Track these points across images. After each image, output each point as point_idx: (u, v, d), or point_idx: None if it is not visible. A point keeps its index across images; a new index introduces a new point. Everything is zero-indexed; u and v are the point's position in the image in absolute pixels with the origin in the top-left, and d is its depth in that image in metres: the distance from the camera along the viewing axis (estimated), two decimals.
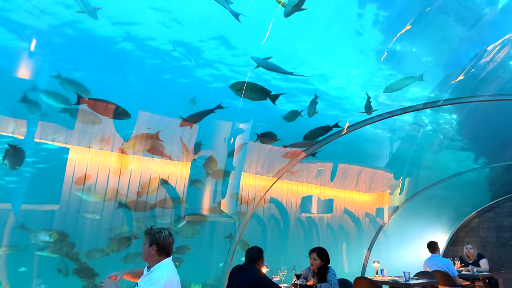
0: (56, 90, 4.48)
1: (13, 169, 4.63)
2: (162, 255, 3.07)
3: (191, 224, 6.23)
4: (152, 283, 2.93)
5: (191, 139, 5.64)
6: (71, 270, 5.06)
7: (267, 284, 4.02)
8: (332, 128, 6.04)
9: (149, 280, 2.97)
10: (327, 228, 8.39)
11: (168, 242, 3.10)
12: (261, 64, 4.45)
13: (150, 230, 3.10)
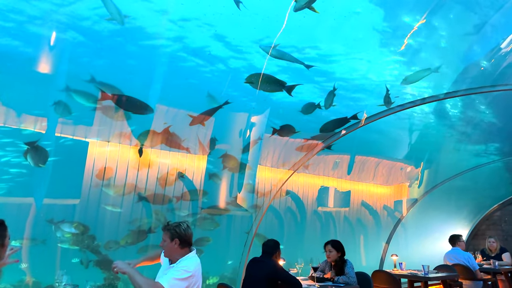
0: (86, 90, 4.59)
1: (37, 167, 4.74)
2: (185, 247, 3.09)
3: (209, 217, 6.28)
4: (178, 269, 2.94)
5: (207, 132, 5.66)
6: (92, 262, 5.19)
7: (284, 276, 4.03)
8: (349, 120, 5.98)
9: (176, 268, 2.97)
10: (344, 221, 8.33)
11: (188, 234, 3.12)
12: (273, 53, 4.41)
13: (168, 226, 3.11)
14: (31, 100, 4.76)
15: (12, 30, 4.02)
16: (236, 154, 6.11)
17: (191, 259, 3.05)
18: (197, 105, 5.28)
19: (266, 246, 4.27)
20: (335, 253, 4.67)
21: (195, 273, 2.95)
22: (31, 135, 4.81)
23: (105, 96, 4.66)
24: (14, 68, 4.40)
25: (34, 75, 4.47)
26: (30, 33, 4.09)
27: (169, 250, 3.07)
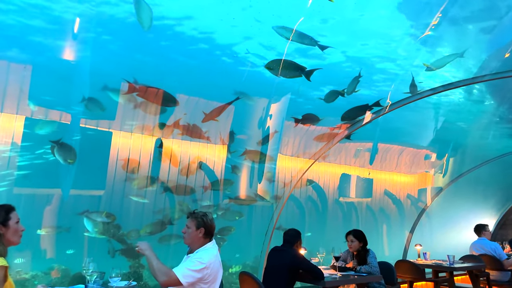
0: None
1: (66, 163, 4.88)
2: (207, 238, 3.12)
3: (232, 208, 6.34)
4: (192, 260, 2.97)
5: (227, 120, 5.67)
6: (118, 251, 5.35)
7: (305, 265, 4.04)
8: (371, 107, 5.87)
9: (191, 258, 3.01)
10: (366, 210, 8.24)
11: (213, 226, 3.16)
12: (287, 35, 4.35)
13: (195, 214, 3.14)
14: (59, 93, 4.88)
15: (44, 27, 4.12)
16: (256, 144, 6.11)
17: (207, 250, 3.06)
18: (218, 93, 5.30)
19: (287, 235, 4.27)
20: (356, 243, 4.64)
21: (209, 265, 2.96)
22: (57, 126, 4.95)
23: (132, 88, 4.73)
24: (46, 63, 4.52)
25: (64, 68, 4.59)
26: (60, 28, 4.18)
27: (191, 238, 3.09)
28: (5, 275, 2.33)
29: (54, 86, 4.74)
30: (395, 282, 4.92)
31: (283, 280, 3.92)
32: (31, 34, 4.18)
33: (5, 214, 2.51)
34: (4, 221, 2.50)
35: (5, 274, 2.34)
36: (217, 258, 3.07)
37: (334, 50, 4.74)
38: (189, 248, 3.21)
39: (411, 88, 5.53)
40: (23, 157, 4.98)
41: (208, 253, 3.04)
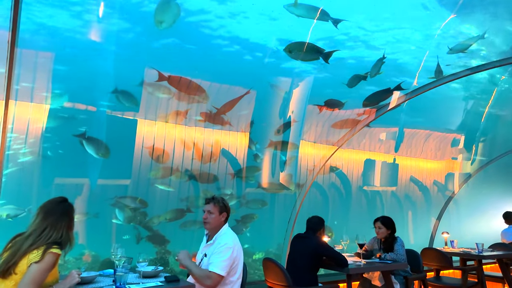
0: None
1: (98, 157, 5.05)
2: (225, 222, 3.24)
3: (255, 197, 6.39)
4: (220, 251, 3.06)
5: (249, 106, 5.66)
6: (145, 237, 5.50)
7: (329, 252, 4.02)
8: (393, 91, 5.72)
9: (217, 248, 3.10)
10: (391, 197, 8.10)
11: (230, 210, 3.27)
12: (298, 12, 4.27)
13: (216, 199, 3.22)
14: (86, 83, 5.00)
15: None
16: (277, 132, 6.08)
17: (228, 233, 3.19)
18: (239, 78, 5.29)
19: (311, 223, 4.26)
20: (384, 230, 4.57)
21: (235, 246, 3.11)
22: (84, 116, 5.08)
23: (162, 77, 4.80)
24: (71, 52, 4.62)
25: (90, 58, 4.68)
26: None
27: (215, 223, 3.19)
28: (55, 263, 2.44)
29: (80, 76, 4.85)
30: (421, 270, 4.84)
31: (306, 266, 3.93)
32: (57, 22, 4.27)
33: (72, 213, 2.67)
34: (72, 220, 2.65)
35: (55, 262, 2.45)
36: (237, 238, 3.22)
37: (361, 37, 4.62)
38: (207, 232, 3.30)
39: (436, 74, 5.38)
40: (52, 147, 5.16)
41: (230, 235, 3.17)
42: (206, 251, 3.23)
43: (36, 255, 2.36)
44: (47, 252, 2.39)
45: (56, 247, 2.45)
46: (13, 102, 3.55)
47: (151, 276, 3.02)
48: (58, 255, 2.45)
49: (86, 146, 4.98)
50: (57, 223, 2.53)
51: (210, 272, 2.99)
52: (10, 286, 2.38)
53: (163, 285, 2.81)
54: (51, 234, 2.48)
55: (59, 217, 2.56)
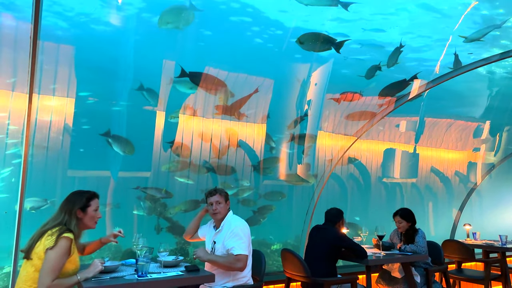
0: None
1: (125, 154, 5.17)
2: (229, 210, 3.47)
3: (273, 189, 6.39)
4: (235, 234, 3.22)
5: (266, 97, 5.64)
6: (165, 228, 5.60)
7: (348, 243, 4.01)
8: (409, 82, 5.61)
9: (228, 233, 3.23)
10: (411, 188, 7.97)
11: None
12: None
13: (219, 190, 3.44)
14: (106, 76, 5.09)
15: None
16: (295, 122, 6.05)
17: (233, 217, 3.41)
18: (257, 67, 5.29)
19: (329, 214, 4.24)
20: (405, 223, 4.51)
21: (245, 226, 3.35)
22: (105, 109, 5.17)
23: (185, 74, 4.87)
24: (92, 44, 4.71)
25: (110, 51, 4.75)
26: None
27: (224, 211, 3.38)
28: (69, 247, 2.53)
29: (101, 67, 4.93)
30: (443, 262, 4.77)
31: (325, 258, 3.92)
32: (78, 13, 4.34)
33: (86, 201, 2.76)
34: (84, 207, 2.74)
35: (70, 247, 2.53)
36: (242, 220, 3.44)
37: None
38: (213, 222, 3.48)
39: (455, 64, 5.27)
40: (74, 140, 5.29)
41: (236, 218, 3.41)
42: (215, 238, 3.36)
43: (51, 241, 2.48)
44: (60, 237, 2.50)
45: (69, 232, 2.56)
46: (36, 95, 3.63)
47: (172, 266, 3.09)
48: (70, 239, 2.55)
49: (112, 144, 5.11)
50: (62, 209, 2.70)
51: (237, 255, 3.13)
52: (31, 271, 2.50)
53: (183, 274, 2.86)
54: (56, 218, 2.66)
55: (66, 203, 2.72)
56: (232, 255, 3.15)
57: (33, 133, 4.54)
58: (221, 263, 3.14)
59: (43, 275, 2.41)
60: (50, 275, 2.41)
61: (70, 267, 2.60)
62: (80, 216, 2.72)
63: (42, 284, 2.39)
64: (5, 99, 4.31)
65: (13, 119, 4.40)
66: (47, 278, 2.40)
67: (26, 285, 2.49)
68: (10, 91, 4.27)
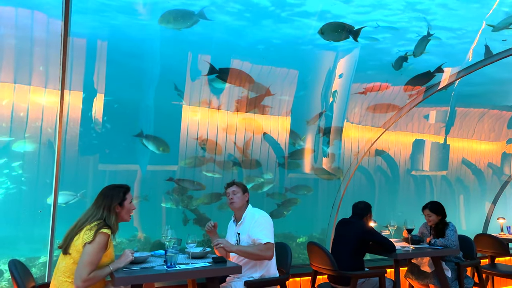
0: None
1: (160, 152, 5.31)
2: (247, 202, 3.46)
3: (298, 182, 6.37)
4: (259, 223, 3.24)
5: (291, 88, 5.59)
6: (192, 220, 5.69)
7: (376, 237, 3.94)
8: (434, 74, 5.42)
9: (252, 223, 3.25)
10: (442, 181, 7.73)
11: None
12: None
13: (236, 182, 3.46)
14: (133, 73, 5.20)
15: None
16: (320, 114, 5.97)
17: (253, 209, 3.41)
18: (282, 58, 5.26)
19: (357, 208, 4.18)
20: (434, 217, 4.39)
21: (266, 215, 3.35)
22: (133, 102, 5.28)
23: (214, 70, 4.93)
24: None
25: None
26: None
27: (241, 202, 3.39)
28: (106, 242, 2.61)
29: (127, 62, 5.03)
30: (475, 257, 4.63)
31: (352, 251, 3.88)
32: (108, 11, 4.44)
33: (123, 195, 2.82)
34: (121, 201, 2.81)
35: (107, 242, 2.62)
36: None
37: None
38: (233, 218, 3.49)
39: (486, 54, 5.05)
40: (103, 135, 5.44)
41: (258, 210, 3.42)
42: (238, 230, 3.39)
43: (89, 235, 2.56)
44: (98, 233, 2.58)
45: (106, 228, 2.63)
46: (67, 92, 3.75)
47: (200, 257, 3.13)
48: (108, 235, 2.63)
49: (147, 143, 5.25)
50: (100, 204, 2.74)
51: (266, 243, 3.14)
52: (69, 263, 2.60)
53: (211, 265, 2.90)
54: (95, 214, 2.70)
55: (103, 199, 2.77)
56: (260, 244, 3.15)
57: (65, 129, 4.69)
58: (251, 252, 3.13)
59: (80, 267, 2.50)
60: (87, 268, 2.50)
61: (106, 260, 2.68)
62: (118, 210, 2.79)
63: (79, 276, 2.49)
64: (38, 96, 4.48)
65: (46, 115, 4.57)
66: (84, 271, 2.49)
67: (64, 276, 2.60)
68: (43, 88, 4.43)
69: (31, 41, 4.26)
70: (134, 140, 5.25)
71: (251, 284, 3.14)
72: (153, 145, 5.25)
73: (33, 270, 5.12)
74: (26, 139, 4.84)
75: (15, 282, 2.62)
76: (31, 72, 4.43)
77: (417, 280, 4.35)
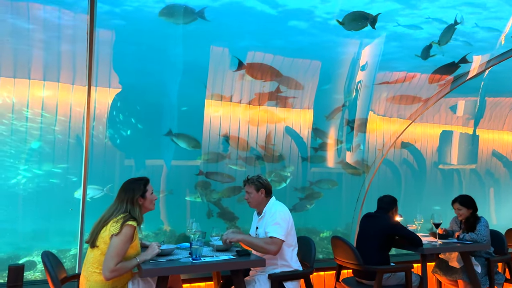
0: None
1: (191, 149, 5.39)
2: (268, 196, 3.39)
3: (322, 176, 6.31)
4: (274, 218, 3.20)
5: (313, 81, 5.53)
6: (215, 214, 5.76)
7: (402, 231, 3.87)
8: (458, 64, 5.22)
9: (269, 218, 3.23)
10: (470, 174, 7.49)
11: (269, 184, 3.43)
12: None
13: (250, 179, 3.38)
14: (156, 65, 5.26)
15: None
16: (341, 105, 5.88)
17: (274, 204, 3.36)
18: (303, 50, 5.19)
19: (382, 202, 4.11)
20: (465, 211, 4.25)
21: (285, 211, 3.29)
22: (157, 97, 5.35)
23: (242, 66, 4.93)
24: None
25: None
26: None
27: (256, 201, 3.35)
28: (132, 234, 2.68)
29: (150, 56, 5.09)
30: (506, 252, 4.47)
31: (377, 246, 3.82)
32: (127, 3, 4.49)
33: (143, 187, 2.91)
34: (143, 193, 2.89)
35: (133, 234, 2.70)
36: (286, 207, 3.37)
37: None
38: (256, 210, 3.47)
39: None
40: (129, 130, 5.55)
41: (278, 204, 3.35)
42: (257, 224, 3.39)
43: (116, 228, 2.64)
44: (125, 225, 2.65)
45: (132, 220, 2.71)
46: (94, 88, 3.84)
47: (224, 250, 3.16)
48: (134, 227, 2.70)
49: (177, 141, 5.35)
50: (123, 199, 2.82)
51: (272, 237, 3.10)
52: (97, 255, 2.68)
53: (235, 258, 2.92)
54: (119, 208, 2.78)
55: (125, 193, 2.84)
56: (267, 237, 3.14)
57: (92, 125, 4.81)
58: (255, 243, 3.11)
59: (107, 259, 2.58)
60: (114, 259, 2.58)
61: (132, 252, 2.76)
62: (141, 202, 2.88)
63: (107, 267, 2.57)
64: (66, 93, 4.61)
65: (74, 111, 4.70)
66: (111, 262, 2.57)
67: (93, 267, 2.69)
68: (70, 85, 4.56)
69: (58, 38, 4.37)
70: (159, 135, 5.34)
71: (275, 277, 3.14)
72: (183, 143, 5.35)
73: (64, 261, 5.30)
74: (56, 134, 5.00)
75: (48, 273, 2.73)
76: (59, 69, 4.56)
77: (445, 276, 4.24)
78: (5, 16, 4.06)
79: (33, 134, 4.96)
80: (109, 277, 2.58)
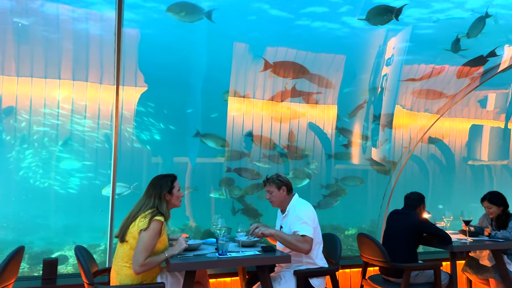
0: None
1: (219, 148, 5.47)
2: (290, 193, 3.36)
3: (345, 172, 6.24)
4: (300, 217, 3.17)
5: (337, 76, 5.46)
6: (239, 210, 5.80)
7: (431, 229, 3.80)
8: (487, 58, 5.03)
9: (293, 217, 3.21)
10: (502, 169, 7.23)
11: (290, 181, 3.41)
12: None
13: (270, 179, 3.37)
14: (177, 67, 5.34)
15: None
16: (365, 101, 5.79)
17: (298, 201, 3.33)
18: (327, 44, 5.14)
19: (409, 199, 4.03)
20: (495, 209, 4.12)
21: (310, 209, 3.27)
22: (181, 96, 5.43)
23: (268, 65, 4.95)
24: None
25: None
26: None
27: (278, 199, 3.34)
28: (160, 229, 2.75)
29: (174, 54, 5.17)
30: None
31: (404, 243, 3.75)
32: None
33: (170, 183, 2.98)
34: (170, 189, 2.97)
35: (161, 228, 2.76)
36: (309, 204, 3.35)
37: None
38: (279, 208, 3.45)
39: None
40: (155, 129, 5.66)
41: (302, 202, 3.33)
42: (281, 223, 3.37)
43: (144, 223, 2.70)
44: (153, 220, 2.72)
45: (160, 215, 2.77)
46: (121, 87, 3.93)
47: (249, 246, 3.18)
48: (161, 222, 2.76)
49: (205, 141, 5.45)
50: (151, 194, 2.89)
51: (303, 236, 3.07)
52: (127, 249, 2.76)
53: (260, 254, 2.94)
54: (147, 203, 2.85)
55: (153, 189, 2.91)
56: (298, 235, 3.10)
57: (120, 124, 4.93)
58: (288, 240, 3.07)
59: (137, 253, 2.66)
60: (143, 254, 2.65)
61: (160, 246, 2.82)
62: (168, 198, 2.94)
63: (136, 262, 2.64)
64: (94, 92, 4.75)
65: (103, 111, 4.83)
66: (141, 257, 2.64)
67: (123, 261, 2.77)
68: (98, 84, 4.69)
69: (87, 38, 4.50)
70: (184, 134, 5.42)
71: (301, 273, 3.14)
72: (212, 142, 5.43)
73: (94, 256, 5.47)
74: (85, 133, 5.15)
75: (81, 266, 2.82)
76: (88, 69, 4.70)
77: (475, 275, 4.12)
78: (36, 25, 4.20)
79: (63, 134, 5.12)
80: (139, 271, 2.66)
